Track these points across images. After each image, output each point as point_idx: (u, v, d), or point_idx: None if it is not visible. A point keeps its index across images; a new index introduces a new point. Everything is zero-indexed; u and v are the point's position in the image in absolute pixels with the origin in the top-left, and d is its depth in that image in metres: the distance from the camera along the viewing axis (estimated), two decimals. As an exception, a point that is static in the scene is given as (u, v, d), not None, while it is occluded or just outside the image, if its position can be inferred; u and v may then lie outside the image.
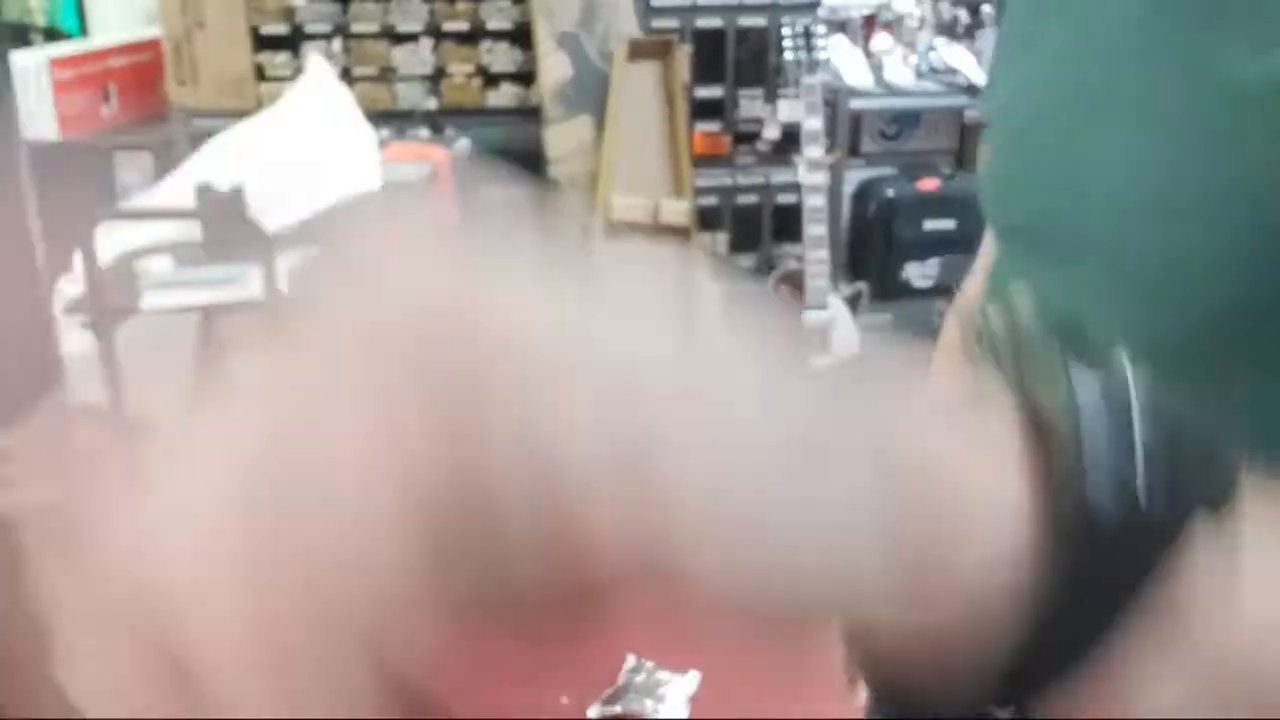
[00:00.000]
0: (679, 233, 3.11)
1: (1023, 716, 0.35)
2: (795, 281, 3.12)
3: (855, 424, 0.31)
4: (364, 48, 3.31)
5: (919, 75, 3.53)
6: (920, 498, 0.31)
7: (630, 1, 3.36)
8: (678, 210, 3.07)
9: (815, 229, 3.07)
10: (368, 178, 2.43)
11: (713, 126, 3.55)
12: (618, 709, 1.38)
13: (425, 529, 0.28)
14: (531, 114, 3.35)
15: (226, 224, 2.07)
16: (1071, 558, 0.31)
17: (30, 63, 3.13)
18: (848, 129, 3.45)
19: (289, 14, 3.27)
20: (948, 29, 3.73)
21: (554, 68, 3.16)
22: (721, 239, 3.61)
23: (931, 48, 3.58)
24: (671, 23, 3.34)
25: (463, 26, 3.32)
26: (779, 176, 3.56)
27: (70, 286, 1.96)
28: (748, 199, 3.59)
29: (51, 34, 3.68)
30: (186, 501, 0.28)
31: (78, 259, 1.88)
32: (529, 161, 3.51)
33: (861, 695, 1.24)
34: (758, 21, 3.44)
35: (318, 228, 2.16)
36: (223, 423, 0.29)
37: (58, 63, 3.16)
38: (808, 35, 3.10)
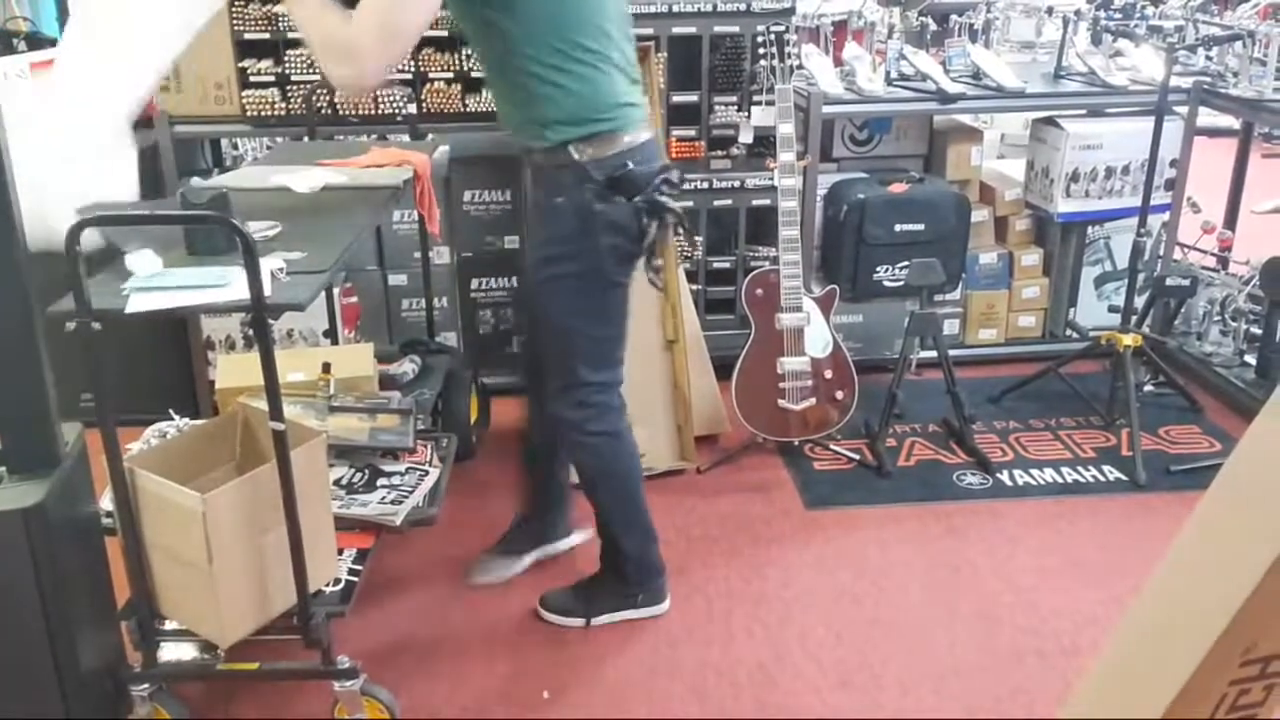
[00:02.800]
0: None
1: None
2: (770, 283, 3.18)
3: None
4: (345, 54, 3.36)
5: (889, 82, 3.60)
6: None
7: (607, 9, 3.42)
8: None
9: (788, 232, 3.13)
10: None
11: (688, 132, 3.61)
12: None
13: None
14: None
15: (210, 228, 2.13)
16: None
17: (13, 69, 3.16)
18: (819, 134, 3.52)
19: (271, 20, 3.32)
20: (916, 37, 3.81)
21: (532, 74, 3.22)
22: (697, 242, 3.67)
23: (901, 55, 3.66)
24: (647, 30, 3.39)
25: (442, 33, 3.38)
26: (753, 181, 3.62)
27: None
28: (722, 202, 3.66)
29: (34, 40, 3.71)
30: None
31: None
32: (507, 166, 3.57)
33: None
34: (732, 29, 3.51)
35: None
36: None
37: (40, 68, 3.19)
38: (780, 43, 3.16)
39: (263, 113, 3.36)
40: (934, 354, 3.40)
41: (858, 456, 3.35)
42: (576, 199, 2.24)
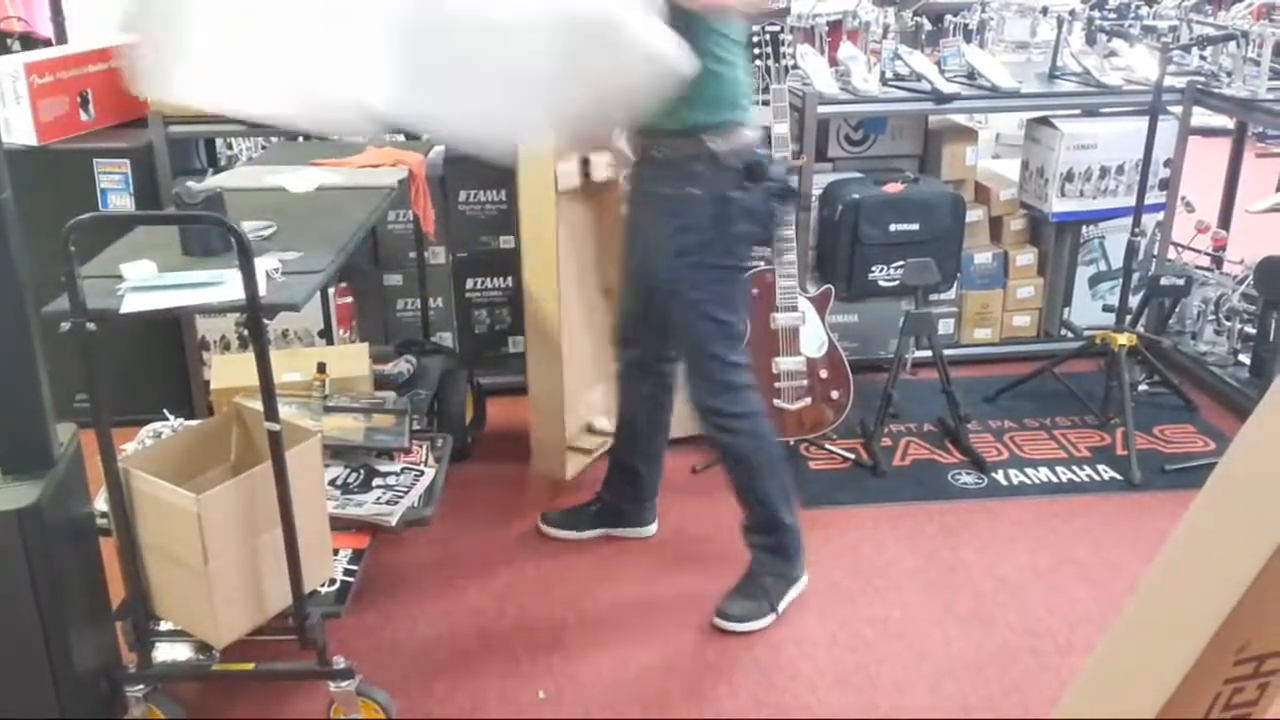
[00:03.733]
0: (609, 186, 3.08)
1: None
2: (765, 283, 3.18)
3: None
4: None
5: (884, 82, 3.61)
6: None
7: (602, 9, 3.42)
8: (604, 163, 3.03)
9: (784, 231, 3.13)
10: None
11: (683, 131, 3.60)
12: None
13: None
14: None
15: (205, 228, 2.13)
16: None
17: (7, 69, 3.16)
18: (815, 134, 3.52)
19: (265, 21, 3.31)
20: (911, 37, 3.81)
21: (527, 74, 3.20)
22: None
23: (895, 55, 3.66)
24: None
25: (437, 33, 3.37)
26: (748, 180, 3.62)
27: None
28: (718, 202, 3.65)
29: (28, 40, 3.70)
30: None
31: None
32: (502, 166, 3.57)
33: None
34: (727, 29, 3.50)
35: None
36: None
37: (35, 69, 3.19)
38: (775, 43, 3.16)
39: (257, 113, 3.35)
40: (929, 354, 3.41)
41: (853, 456, 3.35)
42: (713, 188, 2.33)
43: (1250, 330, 3.73)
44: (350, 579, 2.32)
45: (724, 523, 3.01)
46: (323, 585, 2.27)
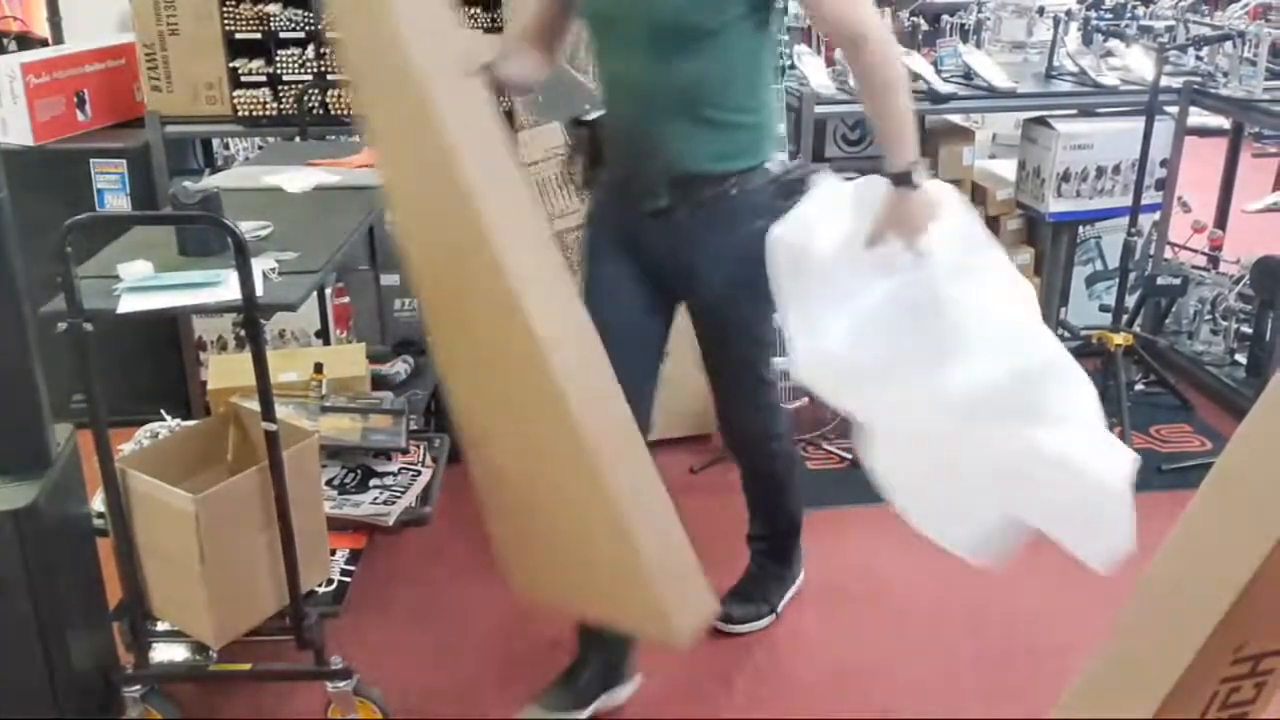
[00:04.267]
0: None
1: None
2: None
3: None
4: (337, 54, 3.36)
5: (881, 82, 3.60)
6: None
7: (599, 9, 3.42)
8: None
9: (780, 232, 3.13)
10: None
11: (680, 131, 3.60)
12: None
13: None
14: (503, 120, 3.40)
15: (202, 228, 2.13)
16: None
17: (4, 69, 3.15)
18: (812, 134, 3.52)
19: (262, 20, 3.31)
20: (907, 37, 3.81)
21: (524, 74, 3.21)
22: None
23: (893, 55, 3.65)
24: (639, 30, 3.38)
25: (434, 33, 3.37)
26: (745, 180, 3.62)
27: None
28: (715, 202, 3.65)
29: (25, 40, 3.70)
30: None
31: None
32: (500, 166, 3.56)
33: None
34: (724, 29, 3.50)
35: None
36: None
37: (31, 68, 3.19)
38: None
39: (254, 113, 3.35)
40: (926, 353, 3.41)
41: (851, 456, 3.35)
42: (776, 212, 2.14)
43: (1246, 330, 3.73)
44: (347, 579, 2.32)
45: (723, 523, 3.01)
46: (320, 585, 2.27)
